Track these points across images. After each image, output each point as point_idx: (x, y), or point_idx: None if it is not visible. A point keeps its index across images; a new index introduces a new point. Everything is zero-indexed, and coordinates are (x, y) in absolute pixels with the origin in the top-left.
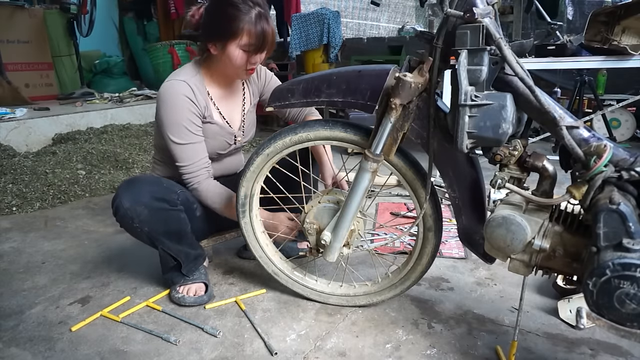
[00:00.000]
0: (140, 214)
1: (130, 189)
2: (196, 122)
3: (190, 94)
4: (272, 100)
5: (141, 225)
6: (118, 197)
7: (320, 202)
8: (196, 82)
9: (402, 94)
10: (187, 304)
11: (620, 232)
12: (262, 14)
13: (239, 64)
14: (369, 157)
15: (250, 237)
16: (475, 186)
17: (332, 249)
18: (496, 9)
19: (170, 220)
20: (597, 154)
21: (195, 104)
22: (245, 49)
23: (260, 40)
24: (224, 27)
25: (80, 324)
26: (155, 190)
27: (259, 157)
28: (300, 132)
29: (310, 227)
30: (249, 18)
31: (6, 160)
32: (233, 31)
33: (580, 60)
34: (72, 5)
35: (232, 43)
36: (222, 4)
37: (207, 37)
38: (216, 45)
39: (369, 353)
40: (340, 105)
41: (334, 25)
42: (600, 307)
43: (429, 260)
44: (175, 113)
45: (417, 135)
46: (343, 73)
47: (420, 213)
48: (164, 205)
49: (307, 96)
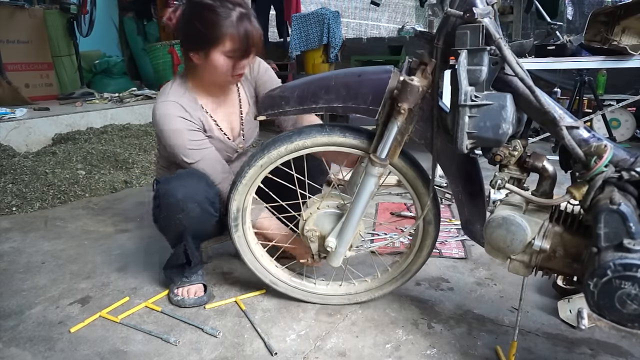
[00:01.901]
0: (192, 210)
1: (187, 183)
2: (199, 137)
3: (184, 114)
4: (264, 108)
5: (186, 221)
6: (170, 184)
7: (319, 208)
8: (187, 100)
9: (410, 98)
10: (187, 306)
11: (621, 232)
12: (244, 15)
13: (225, 71)
14: (375, 162)
15: (244, 250)
16: (476, 182)
17: (338, 255)
18: (496, 9)
19: (209, 224)
20: (598, 154)
21: (192, 122)
22: (230, 55)
23: (245, 44)
24: (204, 35)
25: (79, 325)
26: (210, 193)
27: (251, 169)
28: (296, 140)
29: (312, 235)
30: (230, 22)
31: (6, 160)
32: (214, 38)
33: (580, 60)
34: (72, 5)
35: (215, 51)
36: (199, 9)
37: (187, 46)
38: (198, 54)
39: (369, 353)
40: (341, 111)
41: (334, 25)
42: (602, 308)
43: (428, 252)
44: (176, 137)
45: (420, 136)
46: (342, 77)
47: (422, 214)
48: (211, 209)
49: (304, 103)
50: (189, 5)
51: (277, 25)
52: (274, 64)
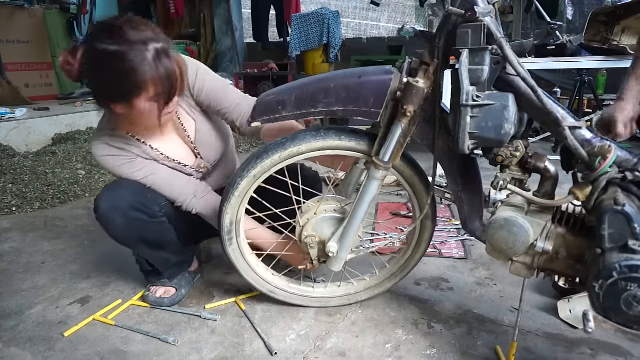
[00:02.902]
0: (115, 220)
1: (112, 193)
2: (141, 166)
3: (115, 151)
4: (259, 114)
5: (115, 231)
6: (99, 197)
7: (316, 213)
8: (119, 137)
9: (415, 100)
10: (149, 302)
11: (625, 233)
12: (159, 51)
13: (155, 116)
14: (379, 165)
15: (240, 263)
16: (475, 179)
17: (339, 259)
18: (497, 9)
19: (148, 230)
20: (602, 154)
21: (125, 156)
22: (156, 100)
23: (169, 85)
24: (122, 86)
25: (73, 329)
26: (136, 201)
27: (244, 180)
28: (290, 147)
29: (312, 241)
30: (148, 65)
31: (6, 160)
32: (134, 88)
33: (580, 60)
34: (72, 5)
35: (139, 99)
36: (107, 60)
37: (104, 98)
38: (120, 105)
39: (368, 353)
40: (342, 114)
41: (334, 25)
42: (607, 310)
43: (426, 247)
44: (117, 172)
45: (422, 136)
46: (341, 79)
47: (421, 214)
48: (141, 216)
49: (302, 107)
50: (93, 53)
51: (277, 25)
52: (274, 64)
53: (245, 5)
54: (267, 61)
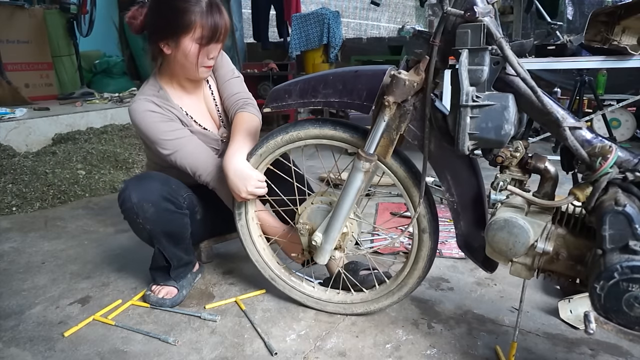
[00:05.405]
0: (147, 211)
1: (141, 185)
2: (174, 127)
3: (156, 108)
4: (270, 101)
5: (145, 223)
6: (127, 189)
7: (313, 202)
8: (160, 97)
9: (396, 92)
10: (150, 302)
11: (626, 234)
12: (213, 3)
13: (194, 59)
14: (361, 156)
15: (247, 240)
16: (474, 191)
17: (323, 251)
18: (496, 9)
19: (174, 222)
20: (603, 155)
21: (164, 114)
22: (199, 42)
23: (213, 32)
24: (175, 22)
25: (73, 329)
26: (165, 190)
27: (252, 158)
28: (291, 131)
29: (303, 228)
30: (200, 9)
31: (6, 160)
32: (185, 25)
33: (580, 60)
34: (72, 5)
35: (186, 37)
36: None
37: (157, 36)
38: (169, 44)
39: (369, 353)
40: (337, 105)
41: (334, 25)
42: (608, 311)
43: (425, 265)
44: (150, 129)
45: (413, 136)
46: (340, 73)
47: (414, 215)
48: (170, 206)
49: (304, 97)
50: None
51: (277, 25)
52: (274, 64)
53: (245, 5)
54: (267, 61)
